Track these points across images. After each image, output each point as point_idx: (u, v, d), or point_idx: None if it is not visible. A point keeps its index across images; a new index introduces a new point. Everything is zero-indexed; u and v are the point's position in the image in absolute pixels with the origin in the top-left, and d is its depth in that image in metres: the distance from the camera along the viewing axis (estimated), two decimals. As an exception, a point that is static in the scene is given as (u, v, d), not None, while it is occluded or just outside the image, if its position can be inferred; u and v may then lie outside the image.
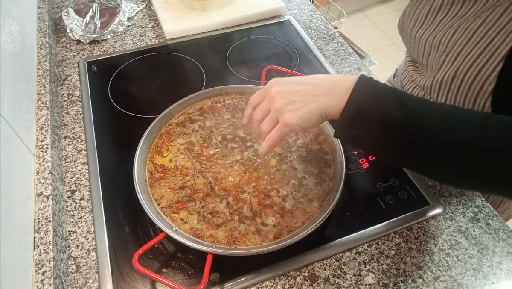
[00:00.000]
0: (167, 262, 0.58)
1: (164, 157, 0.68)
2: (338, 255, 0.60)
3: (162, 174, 0.65)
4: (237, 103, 0.77)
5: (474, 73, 0.55)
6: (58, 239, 0.58)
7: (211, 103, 0.77)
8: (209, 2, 1.07)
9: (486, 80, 0.54)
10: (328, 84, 0.48)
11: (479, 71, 0.54)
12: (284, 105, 0.49)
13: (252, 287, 0.56)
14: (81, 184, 0.68)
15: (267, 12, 1.06)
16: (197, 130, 0.72)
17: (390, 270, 0.58)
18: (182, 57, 0.94)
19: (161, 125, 0.72)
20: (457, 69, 0.57)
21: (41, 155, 0.66)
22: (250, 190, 0.63)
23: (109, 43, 0.98)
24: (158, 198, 0.62)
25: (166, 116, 0.73)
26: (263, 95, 0.53)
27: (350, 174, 0.69)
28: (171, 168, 0.66)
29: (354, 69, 0.92)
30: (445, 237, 0.62)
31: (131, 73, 0.90)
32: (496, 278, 0.58)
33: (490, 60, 0.54)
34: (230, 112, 0.75)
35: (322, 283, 0.57)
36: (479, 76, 0.55)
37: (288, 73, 0.82)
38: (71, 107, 0.81)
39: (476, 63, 0.55)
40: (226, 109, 0.76)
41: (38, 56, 0.85)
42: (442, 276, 0.58)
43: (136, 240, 0.61)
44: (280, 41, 0.99)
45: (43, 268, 0.53)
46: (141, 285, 0.56)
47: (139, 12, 1.09)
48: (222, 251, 0.55)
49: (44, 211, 0.59)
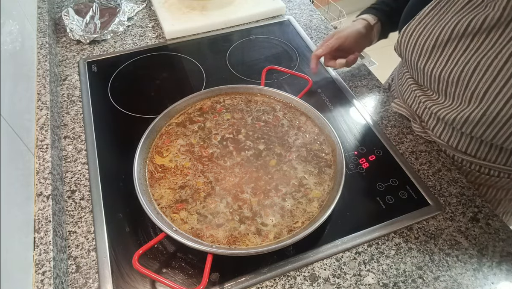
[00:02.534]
0: (167, 262, 0.58)
1: (164, 157, 0.68)
2: (338, 255, 0.60)
3: (162, 173, 0.65)
4: (236, 104, 0.77)
5: (509, 112, 0.55)
6: (58, 239, 0.58)
7: (211, 103, 0.77)
8: (209, 2, 1.07)
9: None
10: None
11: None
12: None
13: (252, 287, 0.56)
14: (81, 184, 0.68)
15: (267, 12, 1.06)
16: (196, 131, 0.72)
17: (390, 270, 0.58)
18: (182, 57, 0.94)
19: (161, 125, 0.72)
20: (488, 107, 0.57)
21: (41, 155, 0.66)
22: (250, 190, 0.63)
23: (109, 43, 0.98)
24: (158, 198, 0.62)
25: (166, 116, 0.73)
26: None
27: (350, 174, 0.69)
28: (171, 167, 0.66)
29: (354, 69, 0.92)
30: (445, 237, 0.62)
31: (131, 73, 0.90)
32: (496, 278, 0.58)
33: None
34: (230, 113, 0.75)
35: (322, 283, 0.57)
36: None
37: (288, 73, 0.82)
38: (71, 107, 0.81)
39: (511, 102, 0.55)
40: (226, 110, 0.76)
41: (38, 56, 0.85)
42: (442, 276, 0.58)
43: (136, 240, 0.61)
44: (280, 41, 1.00)
45: (43, 268, 0.53)
46: (141, 285, 0.56)
47: (139, 12, 1.09)
48: (222, 251, 0.55)
49: (44, 211, 0.59)
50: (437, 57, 0.64)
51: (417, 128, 0.77)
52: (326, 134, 0.71)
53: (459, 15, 0.61)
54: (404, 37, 0.69)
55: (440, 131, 0.72)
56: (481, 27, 0.58)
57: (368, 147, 0.74)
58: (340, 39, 0.78)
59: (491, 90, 0.57)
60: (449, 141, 0.71)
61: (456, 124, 0.63)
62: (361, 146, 0.74)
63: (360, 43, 0.80)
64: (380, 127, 0.79)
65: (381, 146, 0.74)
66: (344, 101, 0.84)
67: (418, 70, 0.69)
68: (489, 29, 0.57)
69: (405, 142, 0.76)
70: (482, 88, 0.58)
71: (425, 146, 0.75)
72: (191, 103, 0.76)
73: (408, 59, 0.70)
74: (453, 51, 0.62)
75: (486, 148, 0.67)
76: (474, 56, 0.59)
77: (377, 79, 0.91)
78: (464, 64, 0.60)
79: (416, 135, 0.77)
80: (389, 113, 0.82)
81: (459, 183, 0.69)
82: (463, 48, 0.61)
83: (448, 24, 0.62)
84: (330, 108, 0.82)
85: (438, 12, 0.64)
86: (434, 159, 0.73)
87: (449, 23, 0.62)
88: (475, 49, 0.59)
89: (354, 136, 0.76)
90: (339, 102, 0.84)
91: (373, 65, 1.68)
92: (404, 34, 0.69)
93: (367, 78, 0.90)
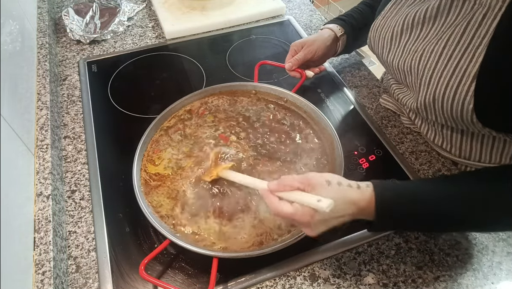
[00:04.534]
0: (170, 266, 0.58)
1: (157, 165, 0.67)
2: (338, 255, 0.60)
3: (158, 182, 0.64)
4: (221, 104, 0.76)
5: (451, 95, 0.56)
6: (58, 239, 0.58)
7: (200, 105, 0.76)
8: (209, 2, 1.07)
9: (465, 100, 0.55)
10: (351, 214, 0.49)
11: (455, 92, 0.56)
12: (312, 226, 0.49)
13: (252, 287, 0.56)
14: (81, 184, 0.68)
15: (267, 12, 1.06)
16: (181, 141, 0.70)
17: (390, 270, 0.58)
18: (182, 57, 0.94)
19: (156, 128, 0.71)
20: (434, 92, 0.59)
21: (41, 155, 0.66)
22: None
23: (109, 43, 0.98)
24: (157, 206, 0.61)
25: (162, 119, 0.72)
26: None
27: (350, 173, 0.69)
28: (168, 175, 0.65)
29: (354, 69, 0.92)
30: (445, 237, 0.62)
31: (131, 73, 0.90)
32: (496, 278, 0.58)
33: (462, 81, 0.55)
34: (213, 115, 0.74)
35: (322, 283, 0.57)
36: (457, 97, 0.56)
37: (281, 67, 0.82)
38: (71, 107, 0.81)
39: (450, 85, 0.56)
40: (209, 111, 0.75)
41: (38, 56, 0.85)
42: (442, 276, 0.58)
43: (136, 240, 0.61)
44: (280, 41, 0.99)
45: (43, 268, 0.53)
46: (141, 285, 0.56)
47: (139, 12, 1.09)
48: (226, 254, 0.55)
49: (44, 211, 0.58)
50: (395, 49, 0.67)
51: (405, 121, 0.79)
52: (322, 128, 0.70)
53: (411, 7, 0.65)
54: (372, 32, 0.72)
55: (420, 124, 0.74)
56: (425, 17, 0.61)
57: (368, 146, 0.74)
58: (310, 53, 0.78)
59: (434, 75, 0.59)
60: (427, 135, 0.73)
61: (420, 111, 0.65)
62: (361, 145, 0.74)
63: (327, 54, 0.81)
64: (380, 127, 0.79)
65: (381, 146, 0.74)
66: (344, 101, 0.84)
67: (384, 63, 0.72)
68: (433, 18, 0.60)
69: (405, 142, 0.76)
70: (427, 74, 0.60)
71: (425, 146, 0.75)
72: (188, 103, 0.76)
73: (376, 53, 0.73)
74: (406, 42, 0.65)
75: (457, 141, 0.68)
76: (421, 45, 0.62)
77: (377, 79, 0.91)
78: (413, 53, 0.63)
79: (416, 135, 0.77)
80: (389, 113, 0.82)
81: (459, 183, 0.69)
82: (414, 38, 0.64)
83: (401, 16, 0.65)
84: (330, 108, 0.82)
85: (397, 6, 0.68)
86: (434, 159, 0.73)
87: (402, 16, 0.65)
88: (423, 38, 0.62)
89: (354, 136, 0.76)
90: (339, 102, 0.84)
91: (373, 65, 1.68)
92: (372, 30, 0.72)
93: (367, 78, 0.90)
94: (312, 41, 0.79)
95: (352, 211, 0.48)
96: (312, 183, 0.47)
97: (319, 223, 0.47)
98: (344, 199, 0.47)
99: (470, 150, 0.68)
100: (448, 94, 0.56)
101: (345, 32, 0.80)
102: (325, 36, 0.79)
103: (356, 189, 0.49)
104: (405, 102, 0.71)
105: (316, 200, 0.45)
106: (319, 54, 0.78)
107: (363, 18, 0.81)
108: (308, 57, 0.78)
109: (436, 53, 0.59)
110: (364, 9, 0.83)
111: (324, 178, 0.48)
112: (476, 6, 0.54)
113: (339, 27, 0.80)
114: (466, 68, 0.54)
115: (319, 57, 0.79)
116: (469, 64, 0.54)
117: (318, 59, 0.80)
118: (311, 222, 0.47)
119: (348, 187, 0.49)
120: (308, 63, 0.81)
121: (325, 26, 0.82)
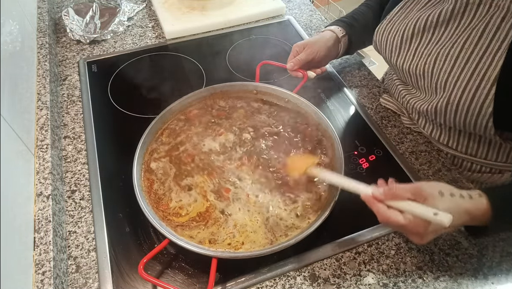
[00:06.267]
0: (170, 266, 0.58)
1: (183, 216, 0.63)
2: (338, 255, 0.60)
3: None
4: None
5: (469, 98, 0.56)
6: (58, 239, 0.58)
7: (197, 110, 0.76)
8: (209, 2, 1.07)
9: (484, 104, 0.55)
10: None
11: (473, 96, 0.56)
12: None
13: (252, 287, 0.56)
14: (81, 184, 0.68)
15: (267, 12, 1.06)
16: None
17: (390, 270, 0.58)
18: (182, 57, 0.94)
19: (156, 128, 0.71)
20: (450, 96, 0.58)
21: (41, 155, 0.66)
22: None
23: (109, 43, 0.98)
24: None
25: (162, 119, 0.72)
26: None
27: (350, 173, 0.69)
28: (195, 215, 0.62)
29: (354, 69, 0.92)
30: (445, 237, 0.62)
31: (131, 73, 0.90)
32: (496, 278, 0.58)
33: (481, 84, 0.55)
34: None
35: (322, 283, 0.57)
36: (475, 101, 0.56)
37: (283, 67, 0.82)
38: (71, 107, 0.81)
39: (468, 89, 0.56)
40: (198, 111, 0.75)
41: (38, 56, 0.85)
42: (442, 276, 0.58)
43: (136, 240, 0.61)
44: (280, 41, 0.99)
45: (43, 268, 0.53)
46: (141, 285, 0.56)
47: (139, 12, 1.09)
48: (226, 254, 0.55)
49: (44, 211, 0.58)
50: (405, 53, 0.67)
51: (406, 121, 0.79)
52: (323, 130, 0.70)
53: (422, 11, 0.65)
54: (378, 35, 0.72)
55: (423, 124, 0.75)
56: (438, 21, 0.61)
57: (368, 147, 0.74)
58: (312, 54, 0.78)
59: (450, 79, 0.59)
60: (432, 134, 0.73)
61: (430, 115, 0.65)
62: (361, 146, 0.74)
63: (329, 56, 0.81)
64: (380, 127, 0.79)
65: (381, 146, 0.74)
66: (344, 101, 0.84)
67: (393, 66, 0.72)
68: (446, 21, 0.60)
69: (405, 142, 0.76)
70: (443, 78, 0.60)
71: (425, 146, 0.75)
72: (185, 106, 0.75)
73: (384, 56, 0.73)
74: (418, 45, 0.65)
75: (465, 140, 0.69)
76: (435, 48, 0.62)
77: (377, 79, 0.91)
78: (426, 56, 0.63)
79: (416, 135, 0.77)
80: (389, 113, 0.82)
81: (459, 182, 0.69)
82: (426, 42, 0.64)
83: (411, 20, 0.65)
84: (330, 108, 0.82)
85: (406, 10, 0.68)
86: (434, 159, 0.73)
87: (413, 19, 0.65)
88: (435, 41, 0.62)
89: (354, 136, 0.76)
90: (339, 102, 0.84)
91: (373, 65, 1.68)
92: (377, 33, 0.72)
93: (367, 78, 0.90)
94: (313, 42, 0.79)
95: (465, 220, 0.49)
96: (424, 195, 0.47)
97: (431, 233, 0.48)
98: (459, 210, 0.48)
99: (477, 148, 0.68)
100: (466, 97, 0.56)
101: (346, 33, 0.80)
102: (327, 37, 0.79)
103: (469, 199, 0.49)
104: (413, 104, 0.70)
105: (433, 213, 0.45)
106: (321, 55, 0.78)
107: (364, 20, 0.81)
108: (309, 58, 0.78)
109: (452, 56, 0.58)
110: (365, 10, 0.83)
111: (436, 189, 0.48)
112: (492, 10, 0.54)
113: (340, 28, 0.80)
114: (485, 72, 0.54)
115: (321, 58, 0.79)
116: (489, 68, 0.54)
117: (320, 60, 0.80)
118: (423, 233, 0.47)
119: (460, 198, 0.49)
120: (310, 64, 0.81)
121: (326, 28, 0.82)
